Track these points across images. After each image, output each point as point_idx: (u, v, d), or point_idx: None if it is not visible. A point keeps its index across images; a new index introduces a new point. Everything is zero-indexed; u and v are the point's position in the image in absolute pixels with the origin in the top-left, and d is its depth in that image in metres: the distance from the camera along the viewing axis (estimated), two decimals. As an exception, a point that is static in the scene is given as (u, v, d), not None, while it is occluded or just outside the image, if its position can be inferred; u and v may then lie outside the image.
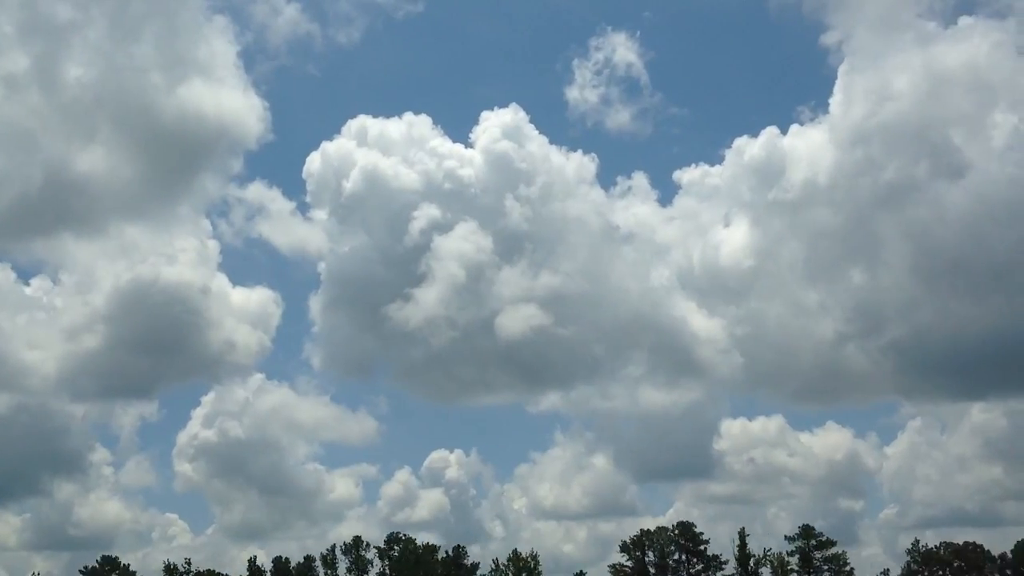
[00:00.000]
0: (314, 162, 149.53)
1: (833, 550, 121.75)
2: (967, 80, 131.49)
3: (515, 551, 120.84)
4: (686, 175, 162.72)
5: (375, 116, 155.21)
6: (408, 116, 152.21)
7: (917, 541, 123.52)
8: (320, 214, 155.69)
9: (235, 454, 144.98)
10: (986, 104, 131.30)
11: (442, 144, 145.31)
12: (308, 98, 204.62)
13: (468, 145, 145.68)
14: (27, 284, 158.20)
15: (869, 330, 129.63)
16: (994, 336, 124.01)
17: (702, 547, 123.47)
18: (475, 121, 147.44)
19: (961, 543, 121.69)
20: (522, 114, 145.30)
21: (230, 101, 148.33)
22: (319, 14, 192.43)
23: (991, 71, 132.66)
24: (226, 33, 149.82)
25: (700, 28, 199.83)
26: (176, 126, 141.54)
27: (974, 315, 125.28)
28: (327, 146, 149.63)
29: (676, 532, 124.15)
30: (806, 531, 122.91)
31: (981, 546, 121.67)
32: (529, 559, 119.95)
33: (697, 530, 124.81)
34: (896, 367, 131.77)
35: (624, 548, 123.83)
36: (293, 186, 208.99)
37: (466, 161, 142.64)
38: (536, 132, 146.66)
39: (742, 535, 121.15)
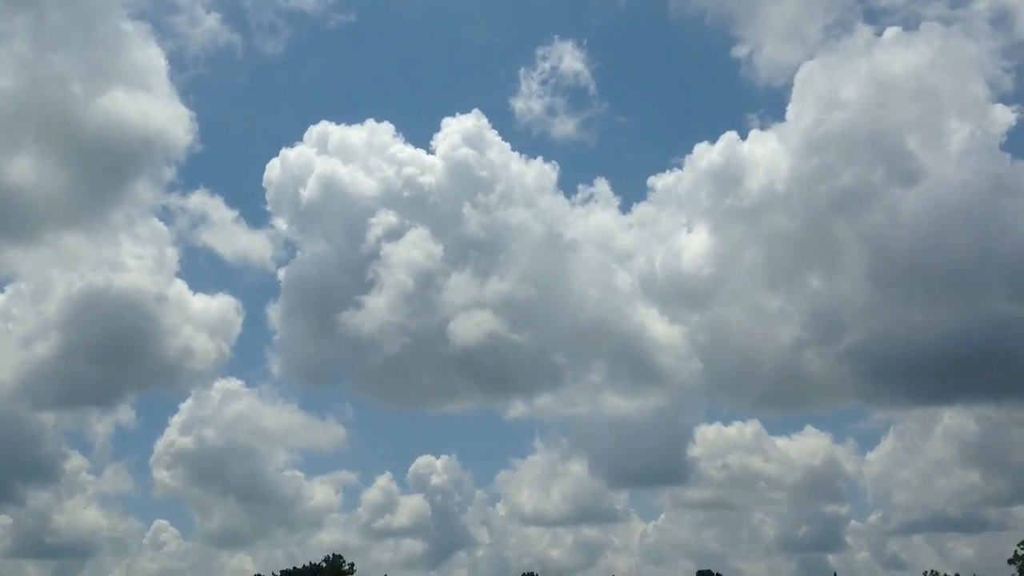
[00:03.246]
0: (273, 169, 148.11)
1: None
2: (915, 87, 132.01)
3: None
4: (647, 182, 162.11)
5: (339, 123, 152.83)
6: (370, 123, 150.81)
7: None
8: (279, 222, 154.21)
9: (212, 462, 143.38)
10: (933, 111, 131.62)
11: (403, 150, 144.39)
12: (239, 107, 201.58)
13: (430, 151, 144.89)
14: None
15: (830, 336, 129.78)
16: (954, 342, 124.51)
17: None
18: (437, 127, 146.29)
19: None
20: (484, 120, 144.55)
21: (159, 110, 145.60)
22: (242, 24, 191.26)
23: (933, 78, 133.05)
24: (152, 42, 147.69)
25: (639, 38, 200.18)
26: (106, 134, 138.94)
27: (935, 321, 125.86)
28: (287, 153, 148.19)
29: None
30: None
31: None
32: None
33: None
34: (860, 373, 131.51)
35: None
36: (235, 194, 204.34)
37: (427, 167, 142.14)
38: (498, 138, 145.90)
39: None
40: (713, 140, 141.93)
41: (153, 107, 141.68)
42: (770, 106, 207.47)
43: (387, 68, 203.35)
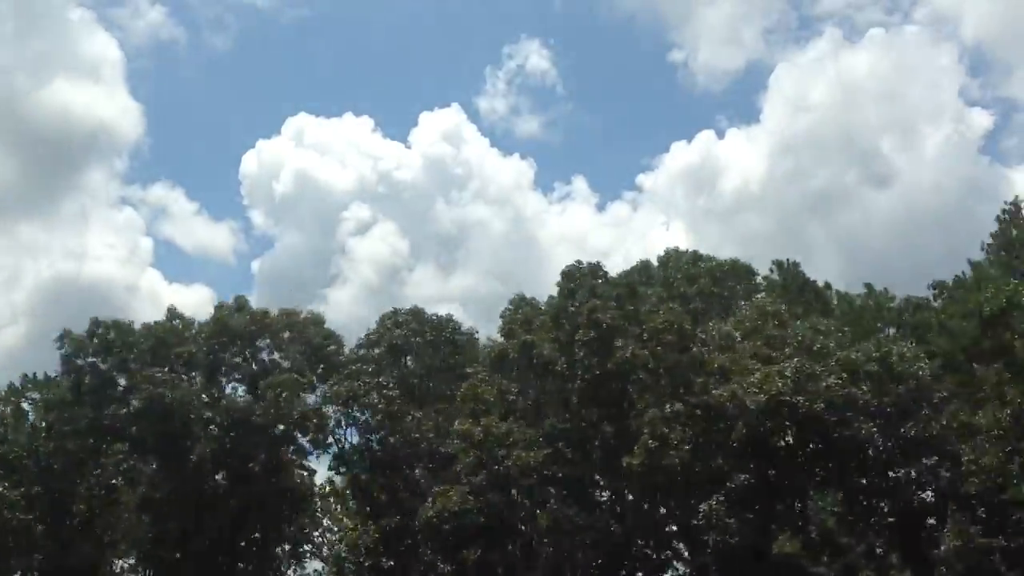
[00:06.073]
0: (249, 161, 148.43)
1: None
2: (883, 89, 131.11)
3: None
4: (624, 181, 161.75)
5: (317, 116, 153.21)
6: (348, 116, 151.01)
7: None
8: (256, 215, 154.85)
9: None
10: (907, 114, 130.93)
11: (379, 144, 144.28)
12: (193, 100, 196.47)
13: (407, 146, 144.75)
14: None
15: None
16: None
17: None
18: (414, 123, 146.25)
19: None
20: (463, 116, 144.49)
21: (110, 101, 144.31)
22: (190, 17, 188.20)
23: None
24: (103, 33, 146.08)
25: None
26: (53, 124, 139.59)
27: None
28: (263, 145, 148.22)
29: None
30: None
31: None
32: None
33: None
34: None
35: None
36: (197, 187, 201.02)
37: (403, 163, 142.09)
38: (477, 134, 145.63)
39: None
40: (689, 139, 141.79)
41: (100, 98, 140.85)
42: (737, 107, 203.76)
43: (370, 61, 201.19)
